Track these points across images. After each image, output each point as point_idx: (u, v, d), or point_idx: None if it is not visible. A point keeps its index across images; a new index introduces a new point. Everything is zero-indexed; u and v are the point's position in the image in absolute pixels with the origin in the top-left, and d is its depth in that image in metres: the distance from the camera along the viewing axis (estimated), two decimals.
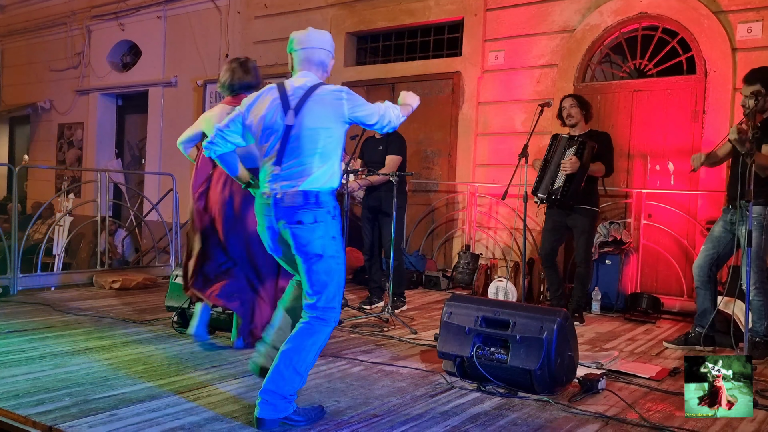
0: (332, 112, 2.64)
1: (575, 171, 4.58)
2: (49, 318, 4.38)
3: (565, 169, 4.61)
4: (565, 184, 4.64)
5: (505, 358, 3.09)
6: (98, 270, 6.16)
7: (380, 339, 4.12)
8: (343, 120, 2.67)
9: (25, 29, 11.27)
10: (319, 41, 2.76)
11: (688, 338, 4.11)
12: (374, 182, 5.04)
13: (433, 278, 6.32)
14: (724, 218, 4.01)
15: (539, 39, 6.29)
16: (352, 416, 2.67)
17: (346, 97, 2.67)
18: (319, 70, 2.77)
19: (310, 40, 2.75)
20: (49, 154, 10.99)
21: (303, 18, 7.85)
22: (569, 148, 4.66)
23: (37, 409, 2.57)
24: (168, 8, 9.31)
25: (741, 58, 5.29)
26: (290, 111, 2.62)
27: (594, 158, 4.67)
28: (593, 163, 4.67)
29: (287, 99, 2.64)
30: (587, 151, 4.60)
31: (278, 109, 2.63)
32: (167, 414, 2.61)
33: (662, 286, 5.65)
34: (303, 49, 2.75)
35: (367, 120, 2.73)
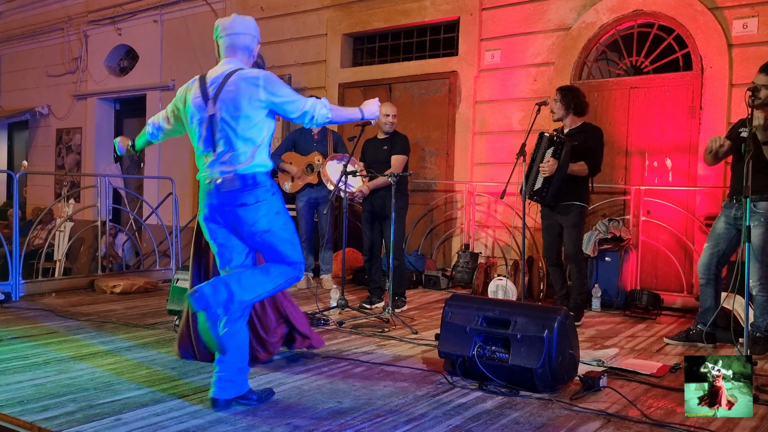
0: (246, 98, 2.71)
1: (553, 173, 4.49)
2: (52, 323, 4.39)
3: (543, 171, 4.52)
4: (544, 186, 4.56)
5: (506, 357, 3.10)
6: (99, 274, 6.17)
7: (381, 339, 4.14)
8: (260, 106, 2.73)
9: (22, 35, 11.27)
10: (243, 26, 2.87)
11: (689, 334, 4.13)
12: (377, 186, 5.05)
13: (433, 278, 6.33)
14: (726, 213, 3.99)
15: (535, 37, 6.31)
16: (355, 416, 2.69)
17: (263, 83, 2.72)
18: (245, 56, 2.88)
19: (234, 26, 2.85)
20: (48, 159, 11.00)
21: (299, 20, 7.86)
22: (548, 149, 4.55)
23: (42, 415, 2.59)
24: (164, 12, 9.32)
25: (737, 54, 5.31)
26: (210, 101, 2.73)
27: (578, 157, 4.56)
28: (575, 164, 4.55)
29: (206, 89, 2.76)
30: (565, 152, 4.48)
31: (200, 100, 2.76)
32: (172, 418, 2.62)
33: (662, 283, 5.67)
34: (228, 35, 2.85)
35: (288, 112, 2.79)
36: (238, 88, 2.71)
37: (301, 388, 3.04)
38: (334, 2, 7.61)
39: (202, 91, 2.77)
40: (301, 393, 2.98)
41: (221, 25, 2.85)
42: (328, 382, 3.15)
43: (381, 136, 5.18)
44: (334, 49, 7.65)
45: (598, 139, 4.70)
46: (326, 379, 3.20)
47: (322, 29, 7.71)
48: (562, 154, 4.48)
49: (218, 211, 2.75)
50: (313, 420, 2.64)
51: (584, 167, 4.61)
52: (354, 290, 6.01)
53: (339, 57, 7.61)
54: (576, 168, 4.58)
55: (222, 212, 2.74)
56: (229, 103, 2.70)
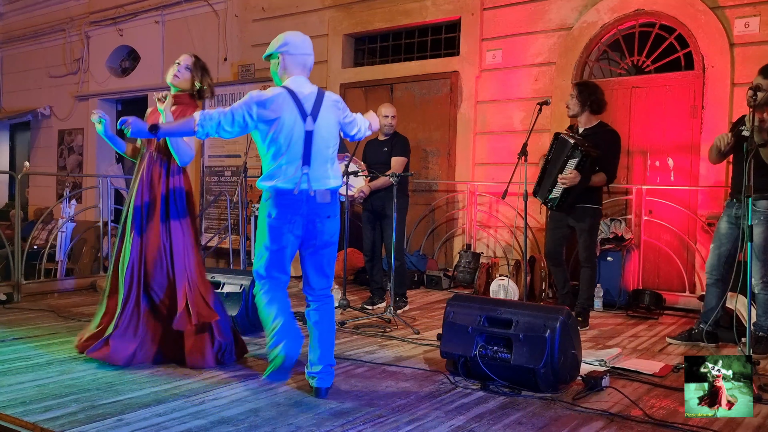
0: (335, 118, 3.00)
1: (575, 185, 4.41)
2: (54, 324, 4.40)
3: (564, 183, 4.41)
4: (563, 196, 4.48)
5: (508, 357, 3.10)
6: (101, 275, 6.18)
7: (383, 340, 4.14)
8: (338, 126, 3.03)
9: (24, 36, 11.29)
10: (311, 47, 3.04)
11: (691, 334, 4.12)
12: (380, 186, 5.05)
13: (435, 278, 6.33)
14: (728, 213, 3.98)
15: (536, 37, 6.30)
16: (357, 417, 2.69)
17: (341, 105, 3.05)
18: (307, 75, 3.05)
19: (305, 46, 3.01)
20: (50, 160, 11.01)
21: (300, 20, 7.86)
22: (571, 159, 4.38)
23: (44, 416, 2.59)
24: (166, 13, 9.32)
25: (739, 53, 5.30)
26: (308, 117, 2.89)
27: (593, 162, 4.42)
28: (596, 174, 4.44)
29: (302, 105, 2.89)
30: (590, 163, 4.36)
31: (297, 115, 2.87)
32: (174, 418, 2.62)
33: (664, 282, 5.66)
34: (301, 55, 2.99)
35: (350, 129, 3.12)
36: (329, 108, 2.97)
37: (303, 389, 3.04)
38: (335, 2, 7.61)
39: (299, 106, 2.89)
40: (303, 393, 2.98)
41: (292, 43, 2.98)
42: None
43: (381, 137, 5.18)
44: (335, 49, 7.65)
45: (616, 144, 4.55)
46: None
47: (324, 29, 7.71)
48: (586, 167, 4.36)
49: (303, 219, 2.89)
50: (315, 420, 2.64)
51: (604, 179, 4.50)
52: (356, 290, 6.01)
53: (340, 57, 7.61)
54: (596, 180, 4.48)
55: (306, 220, 2.89)
56: (326, 122, 2.94)
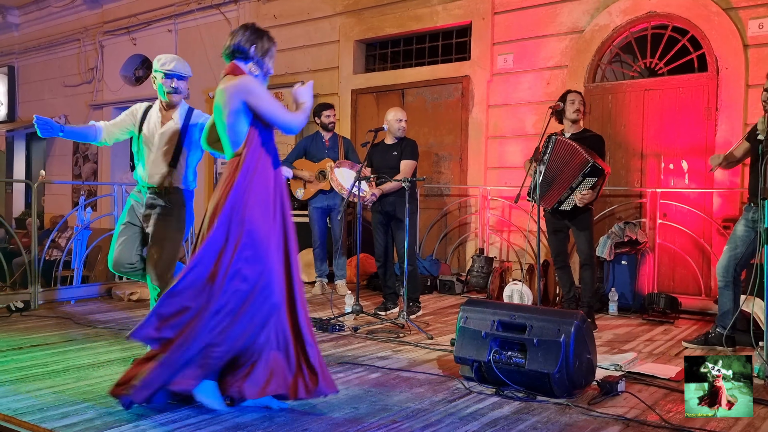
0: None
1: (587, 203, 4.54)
2: (70, 331, 4.44)
3: (582, 201, 4.50)
4: (572, 211, 4.60)
5: (522, 362, 3.09)
6: (116, 282, 6.23)
7: (396, 345, 4.13)
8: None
9: (39, 46, 11.45)
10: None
11: (708, 338, 4.08)
12: (388, 190, 5.05)
13: (448, 282, 6.32)
14: (746, 216, 3.95)
15: (548, 41, 6.29)
16: (371, 422, 2.69)
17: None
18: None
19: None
20: (65, 168, 11.14)
21: (311, 27, 7.91)
22: (590, 177, 4.43)
23: (62, 422, 2.62)
24: (178, 21, 9.42)
25: (753, 55, 5.26)
26: None
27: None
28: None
29: None
30: (603, 183, 4.51)
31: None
32: (189, 424, 2.64)
33: (680, 286, 5.61)
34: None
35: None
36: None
37: None
38: (346, 9, 7.65)
39: None
40: (316, 399, 2.98)
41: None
42: (343, 388, 3.15)
43: (390, 140, 5.16)
44: (346, 55, 7.68)
45: (603, 148, 4.66)
46: (342, 385, 3.20)
47: (335, 36, 7.75)
48: (601, 186, 4.52)
49: None
50: (329, 426, 2.64)
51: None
52: (369, 296, 6.01)
53: (351, 63, 7.64)
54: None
55: None
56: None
